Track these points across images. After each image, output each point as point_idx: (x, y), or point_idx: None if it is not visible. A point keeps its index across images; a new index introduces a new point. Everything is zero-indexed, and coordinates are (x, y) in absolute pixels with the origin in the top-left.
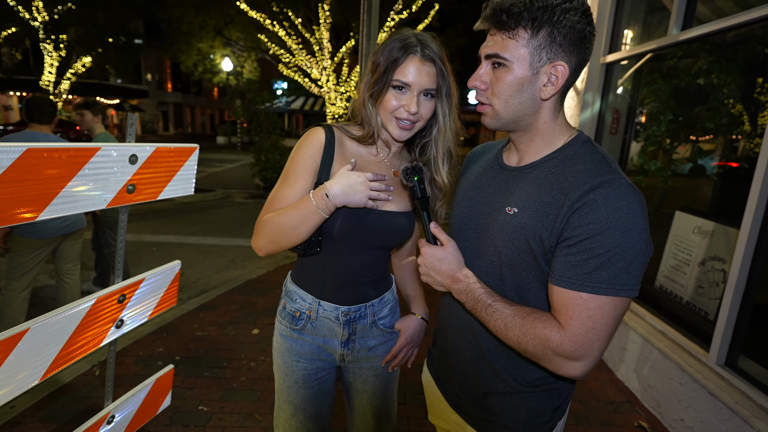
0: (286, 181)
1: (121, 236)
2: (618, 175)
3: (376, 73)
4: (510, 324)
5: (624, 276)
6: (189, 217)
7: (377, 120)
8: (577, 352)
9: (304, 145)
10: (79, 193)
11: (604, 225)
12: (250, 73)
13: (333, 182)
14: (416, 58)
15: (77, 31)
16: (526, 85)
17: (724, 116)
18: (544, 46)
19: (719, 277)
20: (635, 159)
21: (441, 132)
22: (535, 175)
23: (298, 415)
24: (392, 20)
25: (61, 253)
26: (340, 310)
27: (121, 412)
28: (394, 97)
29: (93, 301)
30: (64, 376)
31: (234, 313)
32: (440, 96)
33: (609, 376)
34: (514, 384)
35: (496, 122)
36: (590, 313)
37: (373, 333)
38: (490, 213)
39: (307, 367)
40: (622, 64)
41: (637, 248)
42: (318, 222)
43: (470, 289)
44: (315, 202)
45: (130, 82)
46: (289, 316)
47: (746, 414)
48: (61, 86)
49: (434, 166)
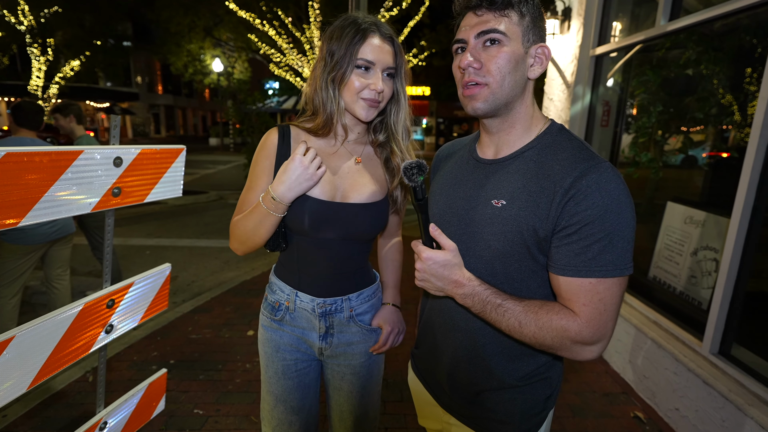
0: (249, 185)
1: (108, 240)
2: (600, 159)
3: (335, 57)
4: (524, 321)
5: (625, 255)
6: (182, 219)
7: (340, 104)
8: (595, 336)
9: (259, 149)
10: (63, 198)
11: (601, 209)
12: (241, 74)
13: (276, 182)
14: (377, 36)
15: (64, 35)
16: (520, 63)
17: (714, 106)
18: (530, 27)
19: (711, 266)
20: (626, 151)
21: (401, 109)
22: (517, 165)
23: (279, 406)
24: (382, 17)
25: (50, 258)
26: (315, 301)
27: (114, 418)
28: (359, 77)
29: (81, 307)
30: (56, 383)
31: (229, 315)
32: (398, 75)
33: (605, 367)
34: (509, 380)
35: (489, 105)
36: (601, 296)
37: (351, 329)
38: (473, 207)
39: (286, 358)
40: (611, 56)
41: (630, 226)
42: (275, 222)
43: (476, 292)
44: (265, 205)
45: (120, 85)
46: (270, 306)
47: (740, 402)
48: (49, 90)
49: (394, 141)
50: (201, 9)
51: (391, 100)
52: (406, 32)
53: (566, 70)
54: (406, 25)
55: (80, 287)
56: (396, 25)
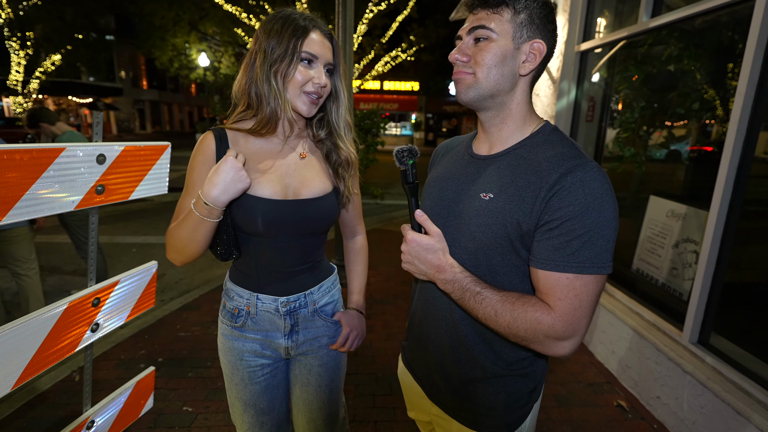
0: (185, 192)
1: (93, 238)
2: (588, 158)
3: (275, 51)
4: (500, 310)
5: (604, 254)
6: (169, 216)
7: (285, 97)
8: (567, 331)
9: (195, 154)
10: (45, 196)
11: (582, 206)
12: (227, 69)
13: (207, 187)
14: (318, 31)
15: (44, 28)
16: (508, 58)
17: (695, 102)
18: (525, 24)
19: (692, 258)
20: (611, 145)
21: (341, 104)
22: (508, 161)
23: (249, 410)
24: (370, 12)
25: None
26: (279, 301)
27: (101, 417)
28: (302, 71)
29: (65, 306)
30: (42, 383)
31: (217, 312)
32: (336, 72)
33: (589, 358)
34: (492, 368)
35: (473, 92)
36: (577, 292)
37: (316, 323)
38: (463, 201)
39: (251, 365)
40: (596, 52)
41: (612, 226)
42: (211, 228)
43: (457, 278)
44: (198, 212)
45: (103, 80)
46: (229, 314)
47: (718, 389)
48: (30, 86)
49: (338, 137)
50: (186, 2)
51: (330, 97)
52: (395, 27)
53: (552, 65)
54: (395, 19)
55: (65, 286)
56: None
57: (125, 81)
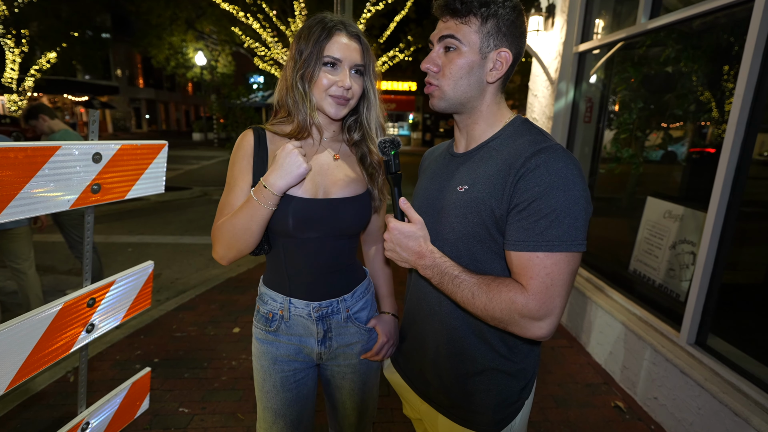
0: (229, 188)
1: (88, 237)
2: (554, 142)
3: (303, 56)
4: (477, 292)
5: (573, 232)
6: (165, 216)
7: (312, 102)
8: (542, 310)
9: (236, 150)
10: (39, 195)
11: (547, 185)
12: (224, 67)
13: (268, 173)
14: (343, 34)
15: (40, 26)
16: (475, 68)
17: (692, 103)
18: (492, 33)
19: (689, 259)
20: (608, 146)
21: (372, 107)
22: (481, 155)
23: (279, 421)
24: (368, 12)
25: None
26: (311, 306)
27: (96, 418)
28: (327, 75)
29: (60, 306)
30: (36, 384)
31: (214, 312)
32: (367, 72)
33: (587, 359)
34: (483, 361)
35: (443, 103)
36: (548, 271)
37: (349, 330)
38: (443, 196)
39: (284, 369)
40: (594, 53)
41: (579, 205)
42: (266, 216)
43: (436, 263)
44: (256, 198)
45: (99, 78)
46: (263, 318)
47: (715, 390)
48: (25, 83)
49: (372, 142)
50: (183, 1)
51: (362, 97)
52: (393, 27)
53: (550, 66)
54: (392, 20)
55: (60, 286)
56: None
57: (121, 79)
